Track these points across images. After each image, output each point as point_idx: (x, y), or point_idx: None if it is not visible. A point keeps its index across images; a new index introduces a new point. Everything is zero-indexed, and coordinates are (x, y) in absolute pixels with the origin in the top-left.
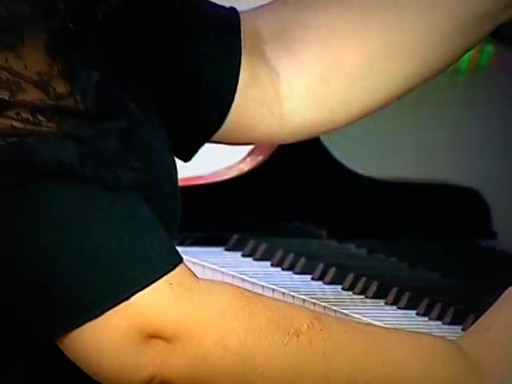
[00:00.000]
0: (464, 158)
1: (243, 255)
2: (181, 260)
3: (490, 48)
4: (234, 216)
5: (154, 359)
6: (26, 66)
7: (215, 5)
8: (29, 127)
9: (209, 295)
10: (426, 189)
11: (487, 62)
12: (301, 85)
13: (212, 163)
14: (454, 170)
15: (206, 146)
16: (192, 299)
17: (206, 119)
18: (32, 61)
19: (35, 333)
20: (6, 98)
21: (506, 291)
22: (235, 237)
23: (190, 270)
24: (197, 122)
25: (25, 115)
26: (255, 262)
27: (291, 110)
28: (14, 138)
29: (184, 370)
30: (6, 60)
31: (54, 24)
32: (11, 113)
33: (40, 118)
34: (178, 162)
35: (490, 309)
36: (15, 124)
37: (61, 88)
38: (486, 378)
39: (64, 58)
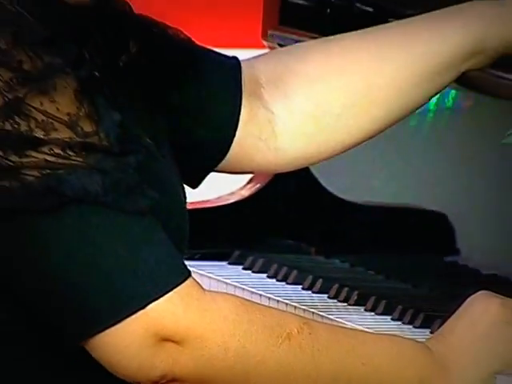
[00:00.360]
0: (432, 186)
1: (243, 268)
2: (189, 274)
3: (453, 92)
4: (235, 235)
5: (166, 359)
6: (58, 109)
7: (220, 54)
8: (60, 161)
9: (213, 305)
10: (400, 212)
11: (451, 103)
12: (293, 123)
13: (216, 189)
14: (424, 196)
15: (211, 174)
16: (199, 308)
17: (210, 152)
18: (63, 104)
19: (64, 336)
20: (41, 136)
21: (467, 300)
22: (237, 252)
23: (197, 282)
24: (203, 155)
25: (57, 151)
26: (254, 274)
27: (284, 145)
28: (48, 170)
29: (192, 368)
30: (41, 104)
31: (82, 73)
32: (45, 149)
33: (70, 153)
34: (187, 188)
35: (454, 315)
36: (48, 158)
37: (87, 127)
38: (450, 373)
39: (90, 101)
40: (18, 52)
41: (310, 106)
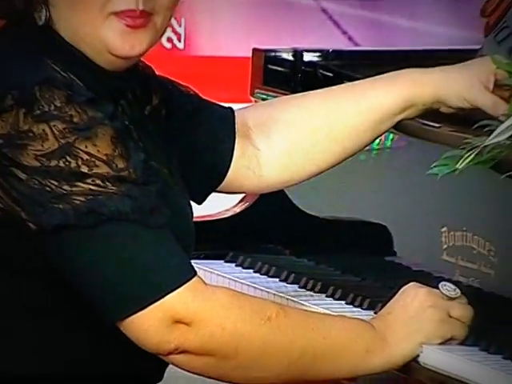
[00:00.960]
0: (376, 205)
1: (236, 265)
2: (195, 273)
3: (391, 135)
4: (230, 240)
5: (178, 336)
6: (98, 151)
7: (219, 105)
8: (100, 189)
9: (213, 296)
10: (352, 223)
11: (390, 143)
12: (273, 157)
13: (215, 207)
14: (370, 212)
15: (213, 195)
16: (202, 299)
17: (212, 178)
18: (102, 147)
19: (104, 317)
20: (86, 171)
21: (401, 289)
22: (231, 253)
23: (201, 278)
24: (206, 180)
25: (97, 182)
26: (243, 270)
27: (266, 173)
28: (91, 197)
29: (197, 343)
30: (86, 147)
31: (116, 124)
32: (89, 180)
33: (107, 183)
34: (194, 205)
35: (391, 300)
36: (91, 187)
37: (120, 164)
38: (388, 344)
39: (122, 145)
40: (70, 109)
41: (285, 145)
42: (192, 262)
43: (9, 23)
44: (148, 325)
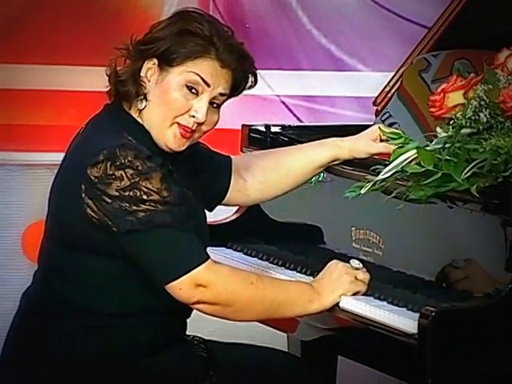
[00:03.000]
0: (314, 214)
1: (233, 250)
2: (209, 257)
3: (322, 174)
4: (228, 236)
5: (199, 294)
6: (152, 186)
7: (222, 154)
8: (153, 209)
9: (219, 270)
10: (300, 224)
11: (322, 178)
12: (254, 185)
13: (219, 215)
14: (309, 218)
15: (218, 207)
16: (213, 271)
17: (217, 197)
18: (155, 184)
19: (156, 281)
20: (145, 198)
21: (328, 264)
22: (230, 243)
23: (213, 260)
24: (214, 198)
25: (152, 204)
26: (237, 253)
27: (250, 194)
28: (148, 213)
29: (211, 298)
30: (146, 184)
31: (163, 170)
32: (147, 204)
33: (158, 205)
34: (208, 214)
35: (322, 270)
36: (148, 207)
37: (165, 194)
38: (321, 296)
39: (167, 182)
40: (136, 161)
41: (261, 178)
42: (207, 249)
43: (114, 101)
44: (180, 287)
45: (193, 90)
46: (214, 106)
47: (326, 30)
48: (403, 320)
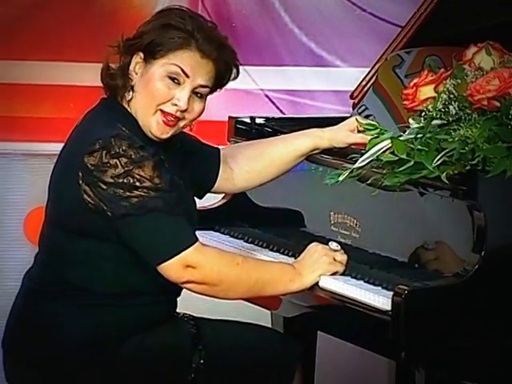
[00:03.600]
0: (296, 200)
1: (220, 233)
2: (197, 239)
3: (304, 163)
4: (216, 220)
5: (188, 274)
6: (145, 173)
7: (212, 146)
8: (146, 195)
9: (207, 251)
10: (282, 209)
11: (302, 167)
12: (240, 174)
13: (209, 200)
14: (291, 203)
15: (207, 195)
16: (202, 253)
17: (206, 185)
18: (147, 172)
19: (148, 262)
20: (138, 185)
21: (308, 246)
22: (217, 227)
23: (201, 242)
24: (204, 186)
25: (144, 190)
26: (224, 235)
27: (237, 182)
28: (141, 199)
29: (199, 278)
30: (138, 172)
31: (156, 158)
32: (140, 190)
33: (150, 192)
34: (197, 200)
35: (303, 252)
36: (141, 193)
37: (157, 181)
38: (301, 276)
39: (159, 169)
40: (130, 151)
41: (246, 168)
42: (196, 232)
43: (109, 95)
44: (171, 268)
45: (175, 81)
46: (198, 95)
47: (306, 29)
48: (378, 298)
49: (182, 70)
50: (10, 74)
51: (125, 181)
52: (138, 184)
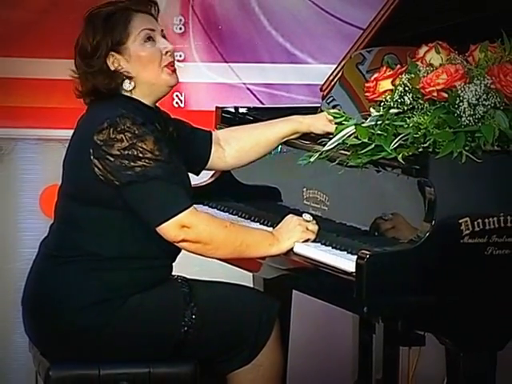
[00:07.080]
0: (274, 178)
1: (209, 207)
2: (192, 203)
3: (280, 146)
4: (205, 196)
5: (184, 233)
6: (147, 146)
7: (203, 129)
8: (148, 165)
9: (200, 215)
10: (262, 187)
11: (280, 149)
12: (230, 153)
13: (202, 177)
14: (270, 182)
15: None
16: (196, 216)
17: (200, 162)
18: (149, 145)
19: (148, 224)
20: (141, 156)
21: (285, 217)
22: (207, 202)
23: (195, 208)
24: (198, 163)
25: (147, 161)
26: (211, 209)
27: (228, 161)
28: (143, 168)
29: (193, 236)
30: (141, 145)
31: (155, 134)
32: (142, 160)
33: (151, 162)
34: (193, 176)
35: (280, 222)
36: (144, 164)
37: (157, 153)
38: (279, 242)
39: (159, 143)
40: (133, 127)
41: (236, 147)
42: None
43: (108, 95)
44: (168, 228)
45: (151, 39)
46: (163, 36)
47: (282, 31)
48: (344, 261)
49: (145, 29)
50: (24, 69)
51: (129, 152)
52: (140, 155)
